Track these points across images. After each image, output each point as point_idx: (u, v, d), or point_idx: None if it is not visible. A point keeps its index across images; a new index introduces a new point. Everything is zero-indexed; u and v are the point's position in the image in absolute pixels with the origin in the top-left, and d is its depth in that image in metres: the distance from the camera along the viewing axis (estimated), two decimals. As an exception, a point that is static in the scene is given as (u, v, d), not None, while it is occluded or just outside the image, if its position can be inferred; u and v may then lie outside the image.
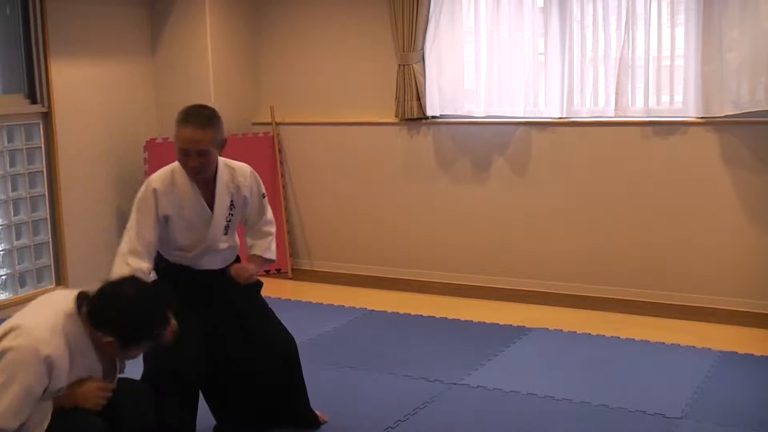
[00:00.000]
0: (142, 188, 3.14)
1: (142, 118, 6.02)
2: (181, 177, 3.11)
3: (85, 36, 5.63)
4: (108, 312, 2.55)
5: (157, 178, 3.13)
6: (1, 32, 5.27)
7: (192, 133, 3.00)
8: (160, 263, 3.22)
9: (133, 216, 3.10)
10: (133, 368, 2.98)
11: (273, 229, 3.45)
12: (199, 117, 3.03)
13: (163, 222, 3.12)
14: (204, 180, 3.13)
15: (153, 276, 3.18)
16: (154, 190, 3.09)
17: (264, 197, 3.38)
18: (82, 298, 2.61)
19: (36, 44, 5.30)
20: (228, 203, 3.19)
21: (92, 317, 2.56)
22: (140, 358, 2.91)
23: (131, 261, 3.01)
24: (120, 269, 2.98)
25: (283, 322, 3.49)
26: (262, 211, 3.39)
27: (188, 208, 3.12)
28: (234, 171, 3.22)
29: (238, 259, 3.40)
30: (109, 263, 3.21)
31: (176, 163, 3.13)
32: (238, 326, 3.31)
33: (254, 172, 3.34)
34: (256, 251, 3.40)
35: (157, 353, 2.94)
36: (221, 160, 3.19)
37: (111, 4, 5.81)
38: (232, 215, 3.22)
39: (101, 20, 5.73)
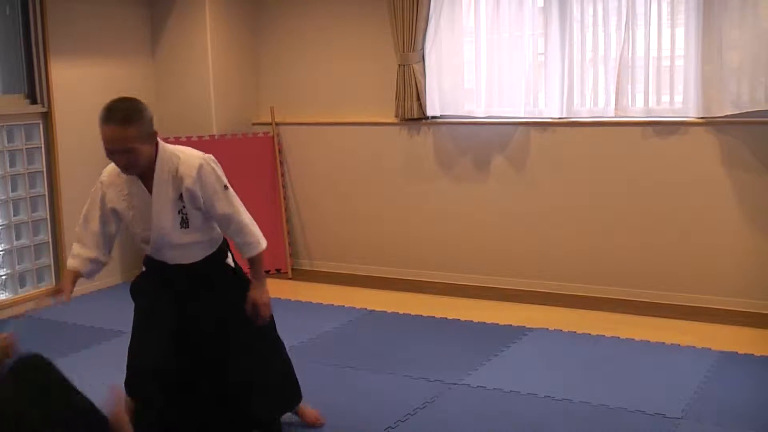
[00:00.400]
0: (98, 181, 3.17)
1: (142, 118, 6.02)
2: None
3: (85, 36, 5.63)
4: None
5: (107, 169, 3.13)
6: (1, 32, 5.27)
7: (113, 132, 2.89)
8: (145, 255, 3.25)
9: (85, 205, 3.17)
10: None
11: (248, 218, 3.16)
12: (119, 114, 2.90)
13: (115, 214, 3.11)
14: (141, 172, 3.03)
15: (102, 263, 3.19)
16: (101, 183, 3.12)
17: (226, 189, 3.09)
18: None
19: (36, 44, 5.30)
20: (171, 194, 3.02)
21: None
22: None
23: (75, 247, 3.13)
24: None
25: (283, 322, 3.48)
26: (227, 201, 3.09)
27: (135, 197, 3.07)
28: (178, 161, 3.02)
29: (224, 255, 3.25)
30: (108, 263, 3.23)
31: None
32: (218, 338, 3.19)
33: (208, 164, 3.07)
34: (250, 251, 3.19)
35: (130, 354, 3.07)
36: (171, 149, 3.05)
37: (111, 4, 5.81)
38: (184, 207, 3.04)
39: (101, 20, 5.73)
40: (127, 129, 2.89)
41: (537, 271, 5.47)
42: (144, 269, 3.31)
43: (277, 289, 5.62)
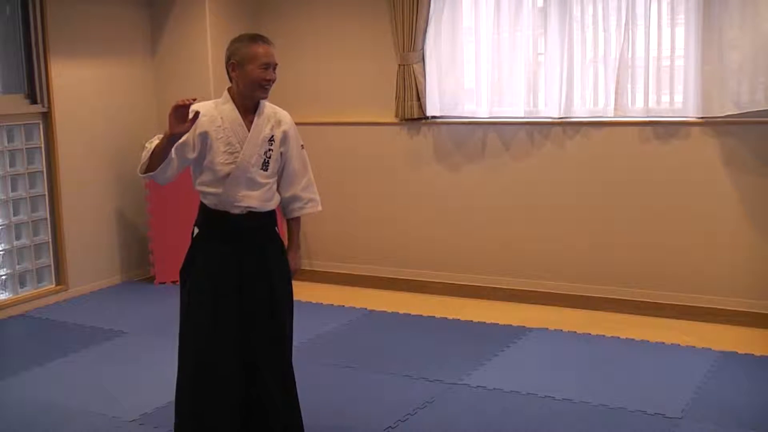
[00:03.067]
0: None
1: (142, 118, 6.02)
2: (223, 103, 3.24)
3: (85, 36, 5.63)
4: None
5: (200, 104, 3.20)
6: (1, 32, 5.27)
7: (267, 49, 3.22)
8: (200, 216, 3.23)
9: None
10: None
11: (311, 176, 3.46)
12: (265, 38, 3.26)
13: (201, 139, 3.16)
14: (247, 109, 3.24)
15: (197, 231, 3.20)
16: (196, 112, 3.14)
17: (303, 148, 3.42)
18: None
19: (36, 44, 5.30)
20: (267, 134, 3.25)
21: None
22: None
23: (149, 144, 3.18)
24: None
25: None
26: (304, 163, 3.42)
27: (227, 128, 3.19)
28: (276, 109, 3.34)
29: (275, 221, 3.32)
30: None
31: (216, 100, 3.27)
32: (266, 308, 3.21)
33: (293, 122, 3.40)
34: (311, 208, 3.40)
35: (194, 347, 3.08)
36: (264, 101, 3.31)
37: (111, 4, 5.81)
38: (271, 150, 3.26)
39: (101, 20, 5.73)
40: (274, 49, 3.26)
41: (537, 271, 5.47)
42: (198, 231, 3.26)
43: (277, 289, 5.64)
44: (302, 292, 5.62)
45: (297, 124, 3.47)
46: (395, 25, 5.57)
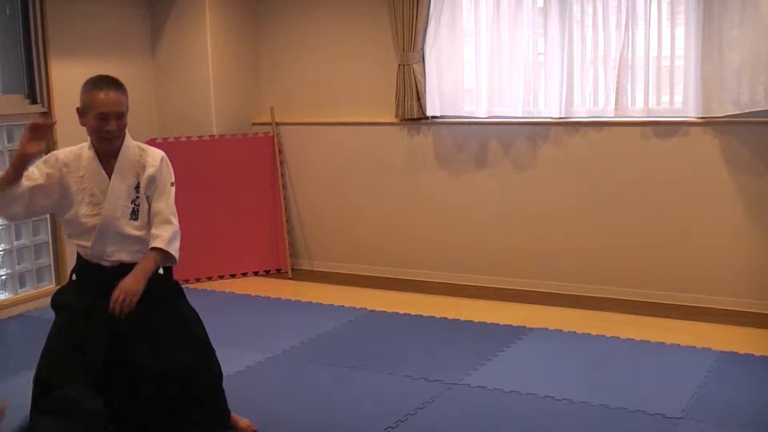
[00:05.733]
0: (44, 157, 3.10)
1: (142, 118, 6.02)
2: (86, 150, 3.10)
3: (85, 36, 5.63)
4: None
5: (63, 151, 3.12)
6: (1, 32, 5.27)
7: (111, 96, 3.01)
8: (76, 263, 3.15)
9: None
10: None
11: (175, 221, 3.18)
12: (112, 81, 3.05)
13: (61, 188, 3.04)
14: (109, 155, 3.09)
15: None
16: (57, 158, 3.08)
17: (172, 186, 3.19)
18: None
19: (36, 44, 5.30)
20: (130, 181, 3.09)
21: None
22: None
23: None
24: None
25: (283, 322, 3.48)
26: (167, 198, 3.17)
27: (89, 178, 3.07)
28: (144, 152, 3.16)
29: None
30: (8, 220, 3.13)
31: (82, 145, 3.12)
32: (146, 350, 3.13)
33: (167, 159, 3.21)
34: (156, 243, 3.10)
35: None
36: (131, 140, 3.16)
37: (111, 4, 5.81)
38: (138, 197, 3.10)
39: (101, 20, 5.73)
40: (122, 95, 3.06)
41: (537, 271, 5.47)
42: (73, 278, 3.20)
43: (277, 289, 5.65)
44: (302, 292, 5.64)
45: (297, 124, 3.43)
46: (395, 25, 5.57)
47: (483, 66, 5.46)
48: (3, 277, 5.29)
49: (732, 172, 4.89)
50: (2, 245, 5.26)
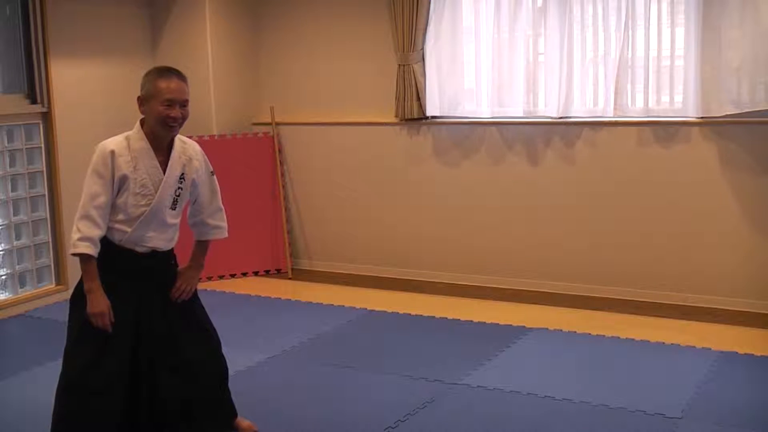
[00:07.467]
0: (97, 153, 3.10)
1: (142, 118, 6.02)
2: (136, 141, 3.11)
3: (85, 36, 5.63)
4: None
5: (112, 141, 3.11)
6: (1, 32, 5.27)
7: (177, 84, 3.07)
8: (103, 249, 3.11)
9: (88, 180, 3.06)
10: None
11: (221, 204, 3.33)
12: (177, 71, 3.11)
13: (118, 184, 3.07)
14: (160, 146, 3.13)
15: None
16: (112, 152, 3.07)
17: (213, 174, 3.31)
18: None
19: (36, 44, 5.30)
20: (179, 173, 3.15)
21: None
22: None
23: (82, 226, 3.00)
24: (72, 236, 3.01)
25: (282, 322, 3.49)
26: (213, 191, 3.31)
27: (142, 168, 3.09)
28: (185, 144, 3.22)
29: (174, 255, 3.29)
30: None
31: (128, 133, 3.13)
32: (167, 343, 3.20)
33: (202, 150, 3.30)
34: (217, 234, 3.32)
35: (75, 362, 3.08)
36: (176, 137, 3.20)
37: (111, 4, 5.81)
38: (181, 189, 3.16)
39: (101, 20, 5.73)
40: (186, 85, 3.11)
41: (537, 271, 5.47)
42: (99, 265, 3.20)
43: (276, 289, 5.65)
44: (302, 292, 5.64)
45: (297, 124, 3.45)
46: (395, 25, 5.57)
47: (483, 66, 5.46)
48: (3, 277, 5.29)
49: (732, 172, 4.89)
50: (2, 245, 5.26)
